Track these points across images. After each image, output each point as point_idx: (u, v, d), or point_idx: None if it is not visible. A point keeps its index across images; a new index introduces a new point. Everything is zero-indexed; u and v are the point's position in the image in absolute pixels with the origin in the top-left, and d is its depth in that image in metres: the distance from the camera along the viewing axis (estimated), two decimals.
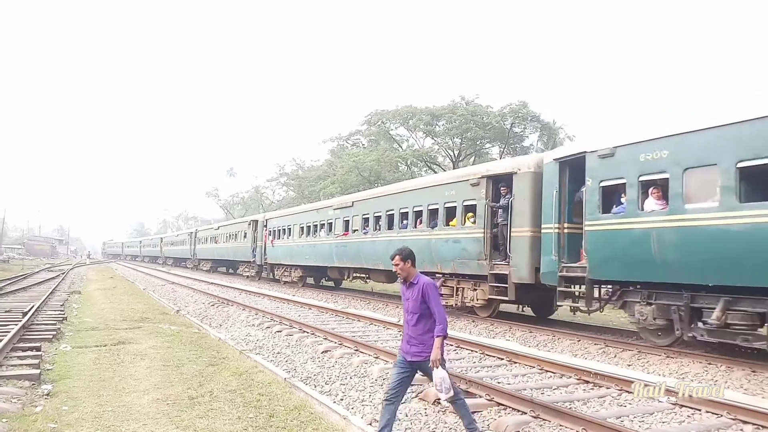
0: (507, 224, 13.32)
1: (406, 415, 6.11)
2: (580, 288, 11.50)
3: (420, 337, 5.02)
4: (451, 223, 15.27)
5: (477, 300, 14.34)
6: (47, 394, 6.76)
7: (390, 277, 19.52)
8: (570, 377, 7.79)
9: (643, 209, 9.76)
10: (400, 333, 12.05)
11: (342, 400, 6.79)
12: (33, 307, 14.13)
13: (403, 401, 5.41)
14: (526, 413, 5.91)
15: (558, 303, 12.11)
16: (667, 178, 9.33)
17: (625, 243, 10.11)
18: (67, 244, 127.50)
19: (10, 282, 25.92)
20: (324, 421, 5.95)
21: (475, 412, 6.10)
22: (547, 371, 8.23)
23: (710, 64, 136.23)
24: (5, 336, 9.39)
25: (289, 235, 27.94)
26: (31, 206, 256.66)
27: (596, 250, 10.69)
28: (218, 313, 15.87)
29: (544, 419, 5.76)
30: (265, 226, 31.42)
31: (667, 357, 9.54)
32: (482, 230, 13.84)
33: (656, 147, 9.60)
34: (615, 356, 10.04)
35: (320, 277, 27.35)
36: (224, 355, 9.50)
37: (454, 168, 39.94)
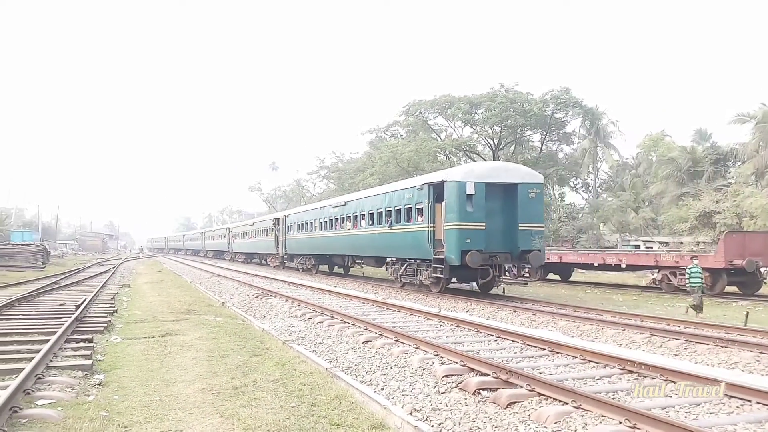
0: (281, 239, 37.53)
1: (446, 405, 6.12)
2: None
3: None
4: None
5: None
6: (99, 384, 7.03)
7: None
8: (614, 367, 7.64)
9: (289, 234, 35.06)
10: (441, 323, 12.11)
11: (383, 389, 6.83)
12: (85, 300, 14.68)
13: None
14: (567, 403, 5.83)
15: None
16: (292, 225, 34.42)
17: (294, 243, 33.37)
18: (117, 239, 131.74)
19: (64, 276, 27.00)
20: (364, 410, 6.01)
21: (515, 402, 6.08)
22: (590, 361, 8.09)
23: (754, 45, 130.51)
24: (59, 328, 9.81)
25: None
26: (83, 203, 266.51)
27: (289, 244, 34.57)
28: (262, 305, 16.16)
29: (586, 409, 5.66)
30: (230, 230, 54.69)
31: (716, 346, 9.27)
32: (274, 239, 37.00)
33: (298, 217, 33.16)
34: (661, 345, 9.80)
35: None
36: (267, 346, 9.69)
37: (493, 157, 40.19)
